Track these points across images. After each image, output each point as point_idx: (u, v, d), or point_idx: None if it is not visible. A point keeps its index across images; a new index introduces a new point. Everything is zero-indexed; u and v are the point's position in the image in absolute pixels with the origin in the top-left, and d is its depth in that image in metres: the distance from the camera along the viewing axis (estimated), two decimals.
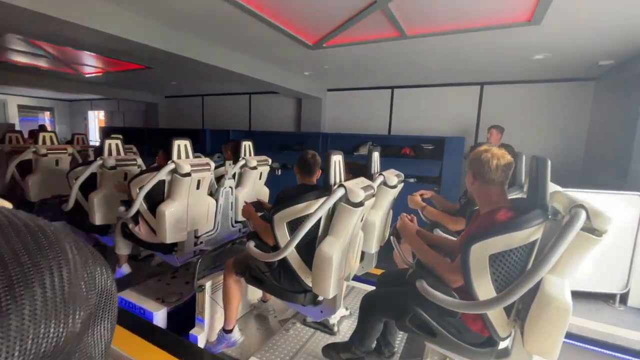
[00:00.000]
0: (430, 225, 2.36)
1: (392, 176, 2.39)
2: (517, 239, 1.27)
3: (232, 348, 2.22)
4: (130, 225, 2.78)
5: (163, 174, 2.50)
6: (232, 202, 3.25)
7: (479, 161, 1.49)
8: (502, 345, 1.50)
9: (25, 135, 5.16)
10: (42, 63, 6.04)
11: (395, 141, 5.73)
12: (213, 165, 2.81)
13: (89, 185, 3.12)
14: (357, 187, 1.75)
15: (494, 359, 1.51)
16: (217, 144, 7.36)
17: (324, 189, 1.89)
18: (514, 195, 1.87)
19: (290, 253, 1.86)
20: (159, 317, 2.46)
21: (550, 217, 1.30)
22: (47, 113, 12.88)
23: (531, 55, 3.96)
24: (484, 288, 1.33)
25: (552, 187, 1.39)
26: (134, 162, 3.24)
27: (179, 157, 2.61)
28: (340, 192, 1.74)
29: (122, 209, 2.75)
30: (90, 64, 6.13)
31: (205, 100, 9.07)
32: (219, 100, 8.80)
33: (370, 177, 2.40)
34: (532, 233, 1.28)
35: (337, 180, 1.93)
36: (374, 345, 1.93)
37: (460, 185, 5.23)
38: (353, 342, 1.88)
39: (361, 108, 6.73)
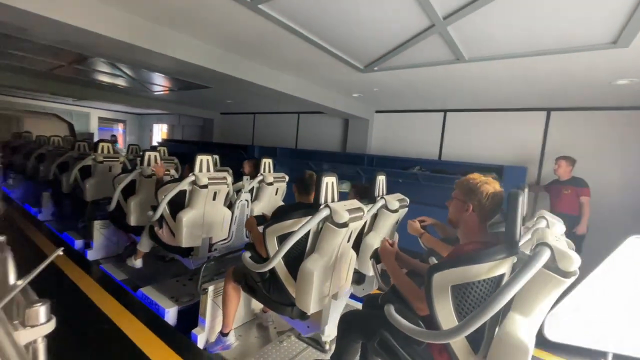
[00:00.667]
0: (428, 253, 2.22)
1: (394, 200, 2.44)
2: (477, 272, 1.23)
3: (226, 351, 2.31)
4: (156, 228, 3.00)
5: (184, 185, 2.77)
6: (247, 214, 3.39)
7: (479, 192, 1.43)
8: None
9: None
10: (120, 82, 6.81)
11: (446, 167, 5.39)
12: (230, 179, 3.05)
13: (131, 190, 3.43)
14: (342, 208, 1.78)
15: None
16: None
17: (313, 208, 1.94)
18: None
19: (279, 266, 1.97)
20: (170, 314, 2.66)
21: (517, 253, 1.24)
22: (121, 124, 14.46)
23: (612, 80, 3.51)
24: (447, 318, 1.29)
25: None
26: (168, 172, 3.49)
27: (200, 170, 2.87)
28: (325, 212, 1.81)
29: (150, 213, 2.98)
30: (159, 84, 6.76)
31: (256, 117, 9.49)
32: (269, 119, 9.15)
33: (374, 199, 2.45)
34: (494, 267, 1.23)
35: (327, 200, 1.97)
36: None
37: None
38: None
39: (410, 131, 6.52)
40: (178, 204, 2.85)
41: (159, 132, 13.70)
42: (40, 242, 3.97)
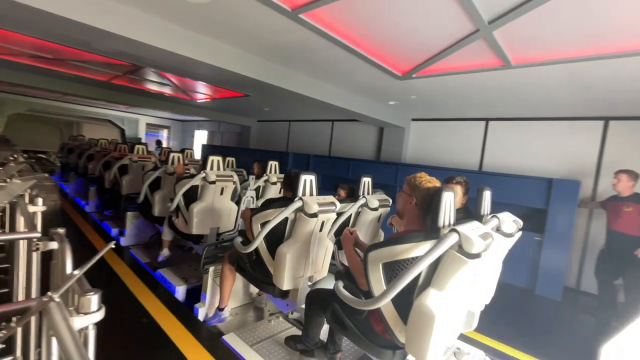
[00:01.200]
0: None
1: (374, 199, 2.65)
2: (400, 251, 1.48)
3: (221, 324, 2.66)
4: (173, 217, 3.48)
5: (196, 181, 3.22)
6: None
7: (422, 189, 1.66)
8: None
9: (151, 148, 6.30)
10: (167, 90, 7.28)
11: (487, 179, 5.10)
12: (237, 178, 3.53)
13: (157, 186, 3.95)
14: (313, 201, 1.95)
15: None
16: (297, 166, 7.68)
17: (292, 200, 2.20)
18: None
19: (261, 248, 2.29)
20: (180, 291, 3.11)
21: (435, 238, 1.43)
22: (166, 130, 15.42)
23: None
24: (379, 291, 1.51)
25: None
26: (188, 171, 3.85)
27: (211, 169, 3.34)
28: (297, 204, 2.02)
29: (169, 204, 3.45)
30: (201, 92, 7.13)
31: (291, 125, 9.67)
32: (304, 126, 9.29)
33: (357, 198, 2.67)
34: (414, 248, 1.46)
35: (305, 195, 2.20)
36: (319, 339, 2.22)
37: (573, 238, 4.34)
38: (302, 334, 2.21)
39: (448, 140, 6.28)
40: (192, 197, 3.28)
41: (200, 137, 14.41)
42: (86, 230, 4.68)
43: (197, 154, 13.22)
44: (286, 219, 2.19)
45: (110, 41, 3.04)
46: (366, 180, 2.73)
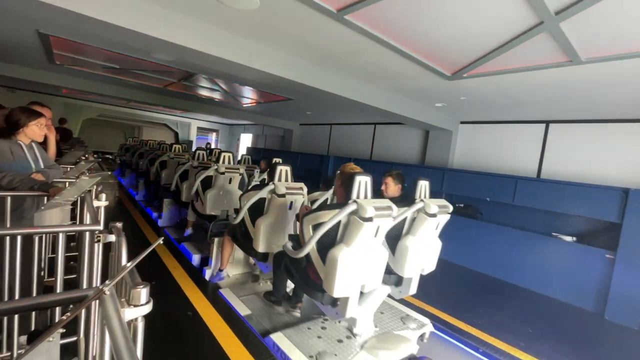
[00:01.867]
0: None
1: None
2: (321, 216, 2.09)
3: (220, 281, 3.41)
4: (194, 201, 4.39)
5: (210, 172, 4.15)
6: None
7: (345, 174, 2.22)
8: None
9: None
10: (216, 96, 7.69)
11: (546, 188, 4.62)
12: (243, 170, 4.41)
13: (184, 176, 4.86)
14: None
15: (328, 304, 2.22)
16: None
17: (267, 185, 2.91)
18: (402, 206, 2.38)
19: (247, 222, 3.00)
20: (195, 259, 3.92)
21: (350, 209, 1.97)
22: (214, 133, 16.31)
23: None
24: (311, 247, 2.09)
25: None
26: (209, 165, 4.51)
27: (223, 162, 4.16)
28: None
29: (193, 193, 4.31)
30: (248, 96, 7.42)
31: (332, 128, 9.68)
32: (345, 130, 9.24)
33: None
34: (330, 214, 2.00)
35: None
36: (285, 292, 2.89)
37: None
38: (273, 289, 2.89)
39: (500, 145, 5.83)
40: (206, 184, 4.19)
41: (245, 140, 15.03)
42: (134, 215, 5.82)
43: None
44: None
45: (166, 49, 3.27)
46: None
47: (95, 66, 5.50)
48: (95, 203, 2.04)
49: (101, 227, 1.44)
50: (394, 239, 2.52)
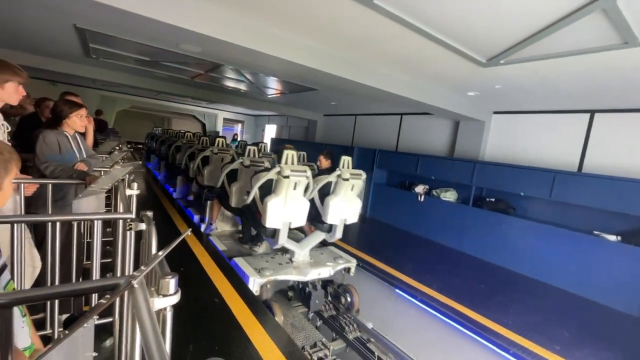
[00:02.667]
0: None
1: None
2: (262, 177, 3.27)
3: (211, 232, 4.70)
4: (197, 176, 5.32)
5: (207, 152, 5.12)
6: None
7: (281, 150, 3.37)
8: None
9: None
10: (242, 87, 7.75)
11: (589, 182, 4.28)
12: (233, 151, 5.27)
13: (205, 162, 5.29)
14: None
15: (270, 236, 3.39)
16: (363, 161, 7.52)
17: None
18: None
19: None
20: (196, 218, 5.18)
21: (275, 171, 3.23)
22: (240, 125, 16.57)
23: None
24: (253, 194, 3.36)
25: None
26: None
27: (217, 146, 5.21)
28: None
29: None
30: (273, 87, 7.42)
31: (357, 119, 9.52)
32: (370, 120, 9.05)
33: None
34: (267, 176, 3.21)
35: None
36: (251, 235, 4.28)
37: None
38: (242, 232, 4.48)
39: (537, 137, 5.47)
40: (204, 162, 5.09)
41: (270, 131, 15.16)
42: (157, 192, 6.82)
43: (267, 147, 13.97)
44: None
45: (192, 39, 3.29)
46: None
47: (127, 59, 5.68)
48: (128, 192, 2.11)
49: (133, 215, 1.48)
50: (323, 196, 3.54)
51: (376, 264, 4.32)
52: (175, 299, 0.91)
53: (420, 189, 6.29)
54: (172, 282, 0.91)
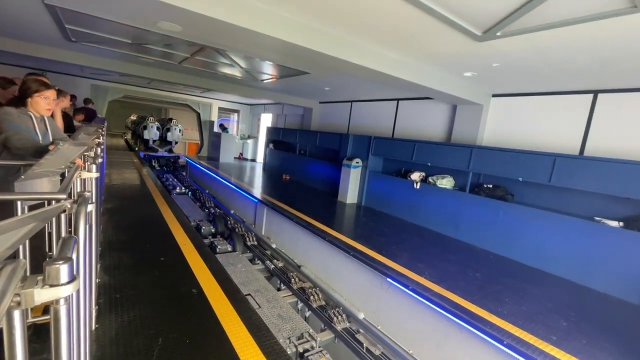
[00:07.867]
0: None
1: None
2: None
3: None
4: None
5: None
6: None
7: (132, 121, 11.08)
8: None
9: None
10: (235, 72, 7.49)
11: (591, 166, 4.05)
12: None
13: None
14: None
15: None
16: (358, 149, 7.31)
17: None
18: None
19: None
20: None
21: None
22: (235, 114, 16.28)
23: None
24: None
25: None
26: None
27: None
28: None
29: None
30: (266, 72, 7.15)
31: (353, 106, 9.26)
32: (366, 107, 8.80)
33: None
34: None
35: None
36: None
37: None
38: None
39: (537, 120, 5.24)
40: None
41: (266, 120, 14.89)
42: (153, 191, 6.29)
43: (263, 136, 13.79)
44: None
45: (171, 16, 3.06)
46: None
47: (108, 41, 5.43)
48: (85, 174, 1.92)
49: (64, 195, 1.29)
50: None
51: (369, 252, 4.15)
52: (68, 289, 0.72)
53: (416, 176, 6.09)
54: (63, 269, 0.73)
